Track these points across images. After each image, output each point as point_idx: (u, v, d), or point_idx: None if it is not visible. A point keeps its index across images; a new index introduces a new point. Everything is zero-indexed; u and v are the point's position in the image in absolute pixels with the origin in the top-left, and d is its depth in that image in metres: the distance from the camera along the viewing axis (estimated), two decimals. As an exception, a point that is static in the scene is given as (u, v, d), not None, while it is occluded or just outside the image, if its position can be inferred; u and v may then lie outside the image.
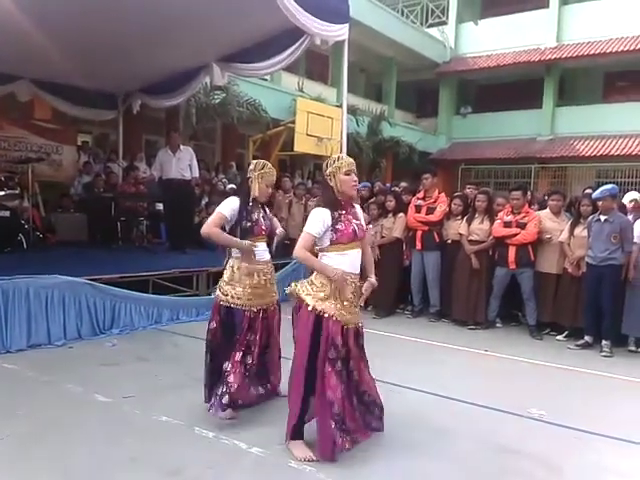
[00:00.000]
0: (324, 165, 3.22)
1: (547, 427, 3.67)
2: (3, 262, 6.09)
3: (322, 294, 3.05)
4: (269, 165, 3.69)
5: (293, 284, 3.18)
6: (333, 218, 3.10)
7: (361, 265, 3.26)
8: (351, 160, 3.21)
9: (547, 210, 6.59)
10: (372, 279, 3.31)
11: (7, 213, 7.12)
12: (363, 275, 3.32)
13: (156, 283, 6.45)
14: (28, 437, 3.22)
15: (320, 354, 2.99)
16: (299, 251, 3.09)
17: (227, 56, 7.71)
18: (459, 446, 3.33)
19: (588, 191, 6.93)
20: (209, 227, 3.56)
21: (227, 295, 3.60)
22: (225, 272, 3.69)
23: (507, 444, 3.36)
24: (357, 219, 3.23)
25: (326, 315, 3.02)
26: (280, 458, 3.03)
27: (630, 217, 6.15)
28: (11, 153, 9.55)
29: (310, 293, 3.08)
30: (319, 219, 3.10)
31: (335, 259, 3.10)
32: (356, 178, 3.21)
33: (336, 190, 3.13)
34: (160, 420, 3.50)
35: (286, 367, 3.45)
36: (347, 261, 3.12)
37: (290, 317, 3.23)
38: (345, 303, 3.09)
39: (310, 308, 3.03)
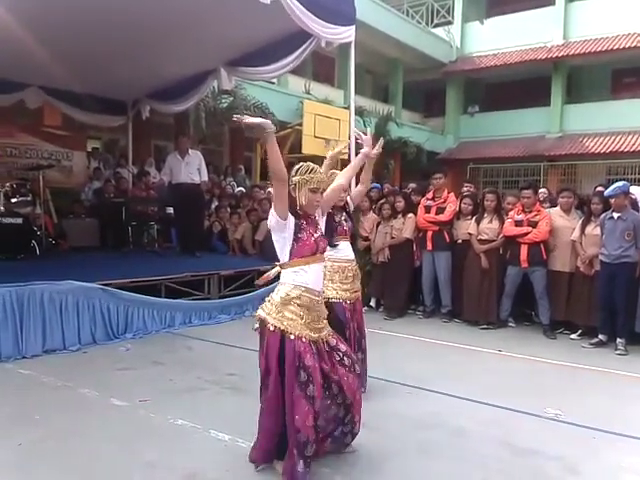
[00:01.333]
0: (293, 170, 2.87)
1: (564, 427, 3.65)
2: (17, 269, 6.15)
3: (283, 312, 2.77)
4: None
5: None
6: (296, 225, 2.81)
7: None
8: (323, 177, 2.93)
9: (557, 208, 6.56)
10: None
11: (20, 220, 7.18)
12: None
13: (168, 287, 6.48)
14: (45, 442, 3.24)
15: (287, 377, 2.73)
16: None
17: (234, 60, 7.75)
18: (475, 447, 3.31)
19: (599, 189, 6.88)
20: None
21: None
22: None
23: (524, 445, 3.34)
24: (317, 231, 2.91)
25: (292, 336, 2.74)
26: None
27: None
28: (22, 160, 9.64)
29: (270, 314, 2.79)
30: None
31: (300, 272, 2.80)
32: (319, 198, 2.90)
33: (298, 203, 2.82)
34: (176, 424, 3.52)
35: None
36: (311, 277, 2.82)
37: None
38: (309, 320, 2.80)
39: (272, 328, 2.76)
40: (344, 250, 3.93)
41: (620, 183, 5.71)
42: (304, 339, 2.76)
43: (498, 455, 3.21)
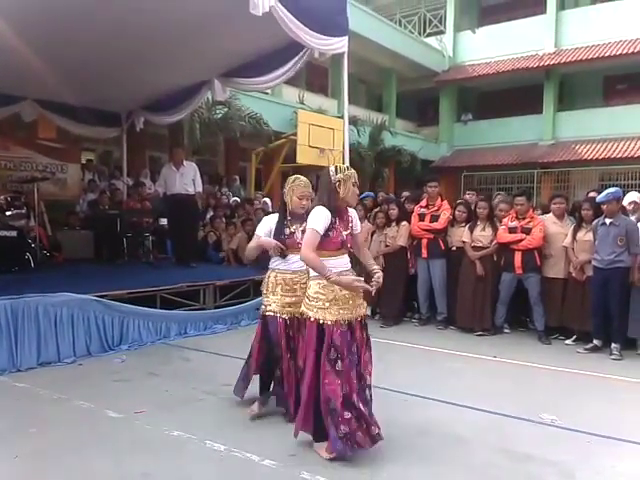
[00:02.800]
0: (332, 170, 3.24)
1: (560, 432, 3.66)
2: (12, 281, 6.11)
3: (320, 303, 3.15)
4: (301, 178, 3.79)
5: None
6: (330, 222, 3.17)
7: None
8: (355, 173, 3.32)
9: (550, 214, 6.60)
10: (376, 268, 3.44)
11: (14, 233, 7.16)
12: (366, 269, 3.56)
13: (163, 298, 6.47)
14: (40, 455, 3.23)
15: (322, 356, 3.10)
16: (306, 251, 3.11)
17: (228, 71, 7.79)
18: (473, 453, 3.32)
19: (592, 194, 6.93)
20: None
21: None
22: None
23: (520, 450, 3.35)
24: (347, 228, 3.28)
25: (328, 322, 3.11)
26: (292, 469, 3.03)
27: (633, 218, 6.15)
28: (17, 173, 9.63)
29: (308, 306, 3.21)
30: (323, 216, 3.15)
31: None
32: (358, 191, 3.33)
33: (342, 197, 3.20)
34: (172, 435, 3.51)
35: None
36: (337, 264, 3.19)
37: None
38: (342, 304, 3.15)
39: (312, 319, 3.16)
40: (294, 262, 3.67)
41: (612, 189, 5.76)
42: (337, 322, 3.11)
43: (495, 461, 3.22)
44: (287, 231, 3.74)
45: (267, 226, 3.83)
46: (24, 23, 5.74)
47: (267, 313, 3.77)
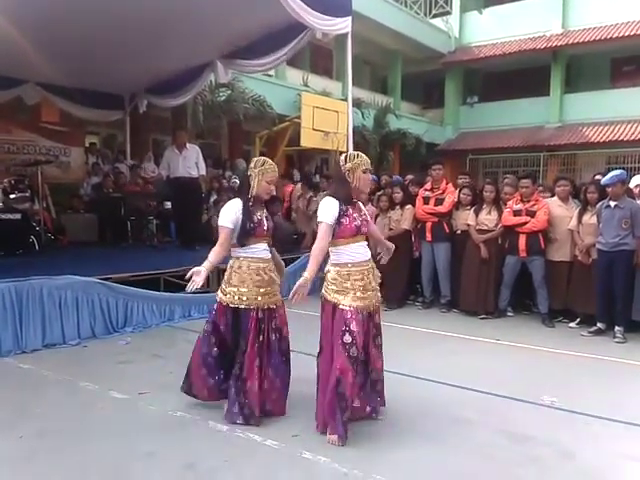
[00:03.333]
0: (342, 159, 3.29)
1: (561, 414, 3.67)
2: (16, 264, 6.16)
3: (334, 287, 3.22)
4: (270, 161, 3.54)
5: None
6: (340, 211, 3.22)
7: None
8: (368, 160, 3.33)
9: (555, 197, 6.55)
10: (387, 243, 3.68)
11: (19, 216, 7.20)
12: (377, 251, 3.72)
13: (167, 281, 6.50)
14: (45, 435, 3.27)
15: (335, 339, 3.16)
16: (320, 243, 3.21)
17: (230, 53, 7.74)
18: (474, 435, 3.34)
19: (597, 177, 6.87)
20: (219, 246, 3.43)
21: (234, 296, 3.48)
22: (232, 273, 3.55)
23: (521, 432, 3.36)
24: (361, 215, 3.34)
25: (340, 306, 3.16)
26: (294, 450, 3.06)
27: (638, 202, 6.10)
28: (20, 156, 9.64)
29: (327, 289, 3.27)
30: (330, 206, 3.23)
31: (342, 251, 3.25)
32: (370, 177, 3.34)
33: (353, 186, 3.25)
34: (175, 415, 3.54)
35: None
36: (354, 252, 3.26)
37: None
38: (358, 293, 3.20)
39: (327, 302, 3.25)
40: (262, 250, 3.49)
41: (617, 171, 5.70)
42: (352, 307, 3.16)
43: (495, 442, 3.24)
44: (255, 219, 3.43)
45: (233, 214, 3.40)
46: (25, 6, 5.70)
47: (240, 305, 3.43)
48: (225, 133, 14.94)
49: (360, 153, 3.36)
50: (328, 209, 3.23)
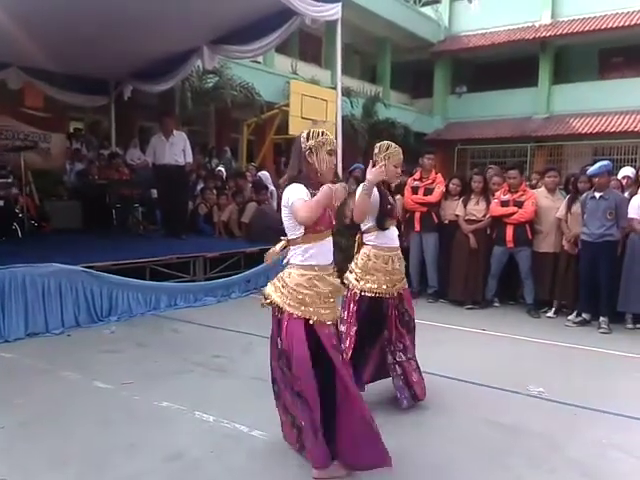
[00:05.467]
0: (303, 136, 2.74)
1: (547, 404, 3.69)
2: (-2, 251, 6.05)
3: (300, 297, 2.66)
4: (394, 145, 3.51)
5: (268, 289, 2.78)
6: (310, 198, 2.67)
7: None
8: (334, 139, 2.84)
9: (542, 188, 6.57)
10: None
11: (1, 202, 7.08)
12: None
13: (153, 269, 6.42)
14: (27, 425, 3.22)
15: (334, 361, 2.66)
16: (302, 210, 2.58)
17: (218, 38, 7.62)
18: (461, 425, 3.34)
19: (587, 168, 6.90)
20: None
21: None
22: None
23: (508, 422, 3.37)
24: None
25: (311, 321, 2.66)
26: (281, 440, 3.03)
27: (626, 194, 6.14)
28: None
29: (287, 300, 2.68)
30: (302, 192, 2.65)
31: (310, 252, 2.68)
32: (335, 161, 2.84)
33: (314, 168, 2.71)
34: (160, 405, 3.50)
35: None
36: (323, 251, 2.73)
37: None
38: (324, 300, 2.71)
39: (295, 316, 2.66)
40: (393, 237, 3.65)
41: (604, 162, 5.73)
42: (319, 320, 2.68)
43: (482, 432, 3.24)
44: (391, 200, 3.52)
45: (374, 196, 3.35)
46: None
47: (368, 294, 3.40)
48: (212, 120, 14.78)
49: (325, 131, 2.79)
50: (299, 191, 2.65)
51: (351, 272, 3.51)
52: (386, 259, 3.48)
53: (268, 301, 2.74)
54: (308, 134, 2.74)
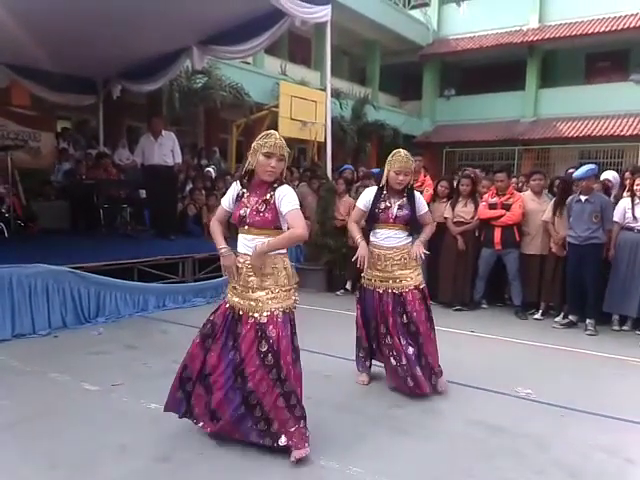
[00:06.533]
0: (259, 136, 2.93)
1: (534, 405, 3.72)
2: (-16, 252, 5.98)
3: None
4: (400, 152, 3.80)
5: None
6: (237, 194, 3.01)
7: None
8: (279, 143, 2.86)
9: (528, 191, 6.63)
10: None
11: (-14, 202, 6.99)
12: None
13: (141, 270, 6.39)
14: (14, 427, 3.18)
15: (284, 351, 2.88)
16: (213, 224, 3.16)
17: (207, 39, 7.59)
18: (448, 426, 3.36)
19: (571, 171, 6.97)
20: (349, 222, 4.07)
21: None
22: None
23: (495, 423, 3.40)
24: (261, 204, 2.87)
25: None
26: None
27: (612, 197, 6.21)
28: (-13, 141, 9.33)
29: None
30: (231, 188, 3.07)
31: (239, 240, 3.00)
32: (275, 164, 2.85)
33: (252, 168, 2.93)
34: (149, 407, 3.48)
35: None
36: (240, 243, 3.00)
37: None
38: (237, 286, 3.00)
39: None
40: (386, 238, 3.90)
41: (591, 166, 5.79)
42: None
43: (470, 433, 3.27)
44: (382, 205, 3.83)
45: (366, 198, 3.91)
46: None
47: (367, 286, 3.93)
48: (201, 121, 14.73)
49: (274, 133, 2.92)
50: (229, 191, 3.08)
51: None
52: (374, 255, 3.87)
53: None
54: (260, 135, 2.93)
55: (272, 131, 2.97)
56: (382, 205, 3.81)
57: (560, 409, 3.65)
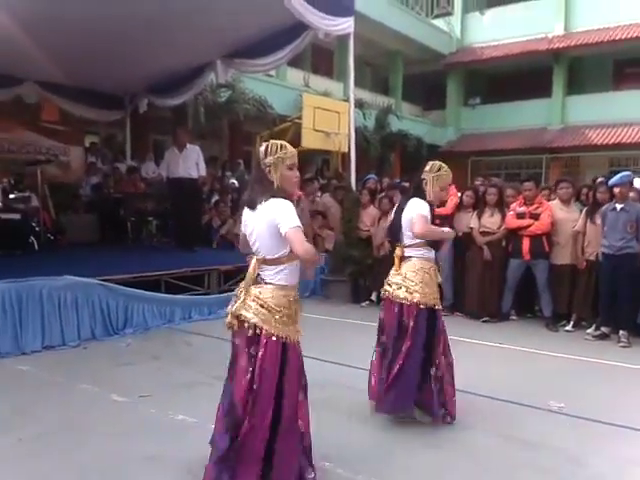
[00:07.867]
0: (262, 151, 2.59)
1: (568, 420, 3.62)
2: (15, 264, 6.11)
3: (279, 317, 2.55)
4: (445, 167, 3.60)
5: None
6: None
7: None
8: (295, 151, 2.64)
9: (556, 200, 6.51)
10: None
11: (18, 216, 7.16)
12: None
13: (168, 282, 6.44)
14: (44, 438, 3.22)
15: (290, 383, 2.55)
16: (303, 247, 2.46)
17: (231, 53, 7.70)
18: (479, 440, 3.29)
19: (600, 179, 6.83)
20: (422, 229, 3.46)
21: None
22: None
23: (527, 438, 3.31)
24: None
25: (289, 341, 2.57)
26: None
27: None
28: (20, 156, 9.54)
29: (268, 319, 2.53)
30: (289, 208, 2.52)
31: (286, 271, 2.59)
32: (298, 174, 2.66)
33: (275, 185, 2.54)
34: (176, 419, 3.49)
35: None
36: (296, 271, 2.63)
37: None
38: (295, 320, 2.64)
39: (274, 338, 2.52)
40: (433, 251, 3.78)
41: (626, 173, 5.68)
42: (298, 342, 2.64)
43: (501, 448, 3.19)
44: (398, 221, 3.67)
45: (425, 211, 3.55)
46: (26, 3, 5.66)
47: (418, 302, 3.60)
48: (226, 134, 14.88)
49: (285, 144, 2.63)
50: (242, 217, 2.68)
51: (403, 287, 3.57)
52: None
53: (241, 322, 2.56)
54: (266, 149, 2.57)
55: (279, 141, 2.66)
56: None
57: (594, 423, 3.54)
